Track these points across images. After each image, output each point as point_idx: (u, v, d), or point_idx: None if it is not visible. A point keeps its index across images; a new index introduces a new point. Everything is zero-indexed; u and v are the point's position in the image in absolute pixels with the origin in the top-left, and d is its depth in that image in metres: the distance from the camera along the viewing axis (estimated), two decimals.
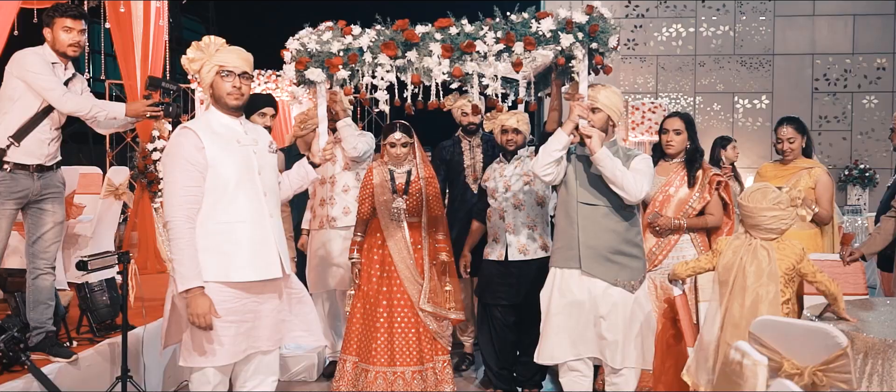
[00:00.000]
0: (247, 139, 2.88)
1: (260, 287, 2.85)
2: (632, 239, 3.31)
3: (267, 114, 4.14)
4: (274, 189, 2.94)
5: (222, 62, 2.81)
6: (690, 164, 3.88)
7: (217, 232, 2.74)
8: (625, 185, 3.15)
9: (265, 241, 2.81)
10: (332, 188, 4.50)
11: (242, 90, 2.84)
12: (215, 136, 2.80)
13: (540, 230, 4.20)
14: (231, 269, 2.74)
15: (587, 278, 3.27)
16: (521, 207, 4.19)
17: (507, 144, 4.25)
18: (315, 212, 4.59)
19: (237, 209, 2.76)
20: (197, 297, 2.67)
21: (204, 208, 2.75)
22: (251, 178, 2.82)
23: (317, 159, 3.14)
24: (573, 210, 3.29)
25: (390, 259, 4.00)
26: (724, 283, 3.03)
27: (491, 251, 4.28)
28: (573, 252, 3.28)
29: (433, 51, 2.98)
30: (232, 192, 2.76)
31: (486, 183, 4.34)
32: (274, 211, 2.89)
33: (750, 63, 9.36)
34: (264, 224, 2.82)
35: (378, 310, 3.99)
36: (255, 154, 2.86)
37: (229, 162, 2.77)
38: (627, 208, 3.27)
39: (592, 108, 3.25)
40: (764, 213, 2.96)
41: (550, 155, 3.21)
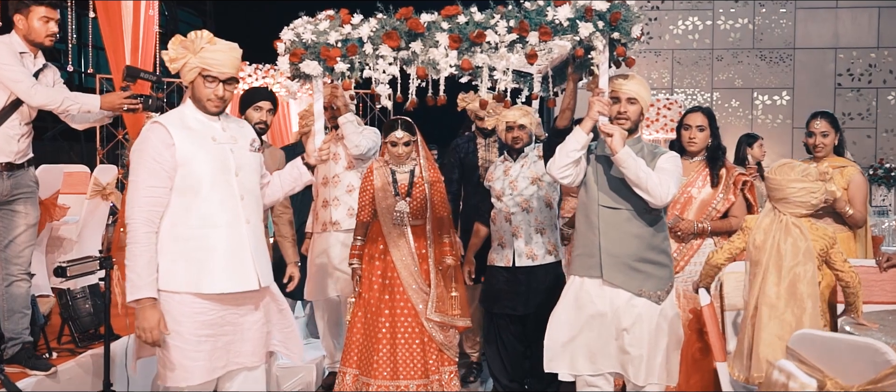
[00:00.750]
0: (224, 137, 2.73)
1: (238, 298, 2.71)
2: (658, 245, 3.14)
3: (263, 108, 3.97)
4: (253, 192, 2.80)
5: (207, 65, 2.66)
6: (713, 163, 3.75)
7: (188, 237, 2.61)
8: (649, 188, 2.98)
9: (240, 249, 2.67)
10: (334, 189, 4.35)
11: (225, 98, 2.71)
12: (188, 132, 2.66)
13: (549, 234, 4.06)
14: (202, 278, 2.61)
15: (609, 288, 3.11)
16: (529, 210, 4.03)
17: (512, 142, 4.09)
18: (317, 214, 4.43)
19: (210, 213, 2.63)
20: (145, 310, 2.55)
21: (174, 211, 2.62)
22: (227, 179, 2.68)
23: (312, 160, 2.98)
24: (594, 214, 3.14)
25: (393, 265, 3.85)
26: (757, 263, 2.95)
27: (497, 257, 4.13)
28: (594, 259, 3.12)
29: (440, 41, 2.80)
30: (205, 195, 2.63)
31: (489, 183, 4.18)
32: (252, 216, 2.75)
33: (770, 57, 9.26)
34: (240, 230, 2.68)
35: (379, 319, 3.85)
36: (232, 153, 2.72)
37: (202, 161, 2.64)
38: (653, 212, 3.10)
39: (628, 98, 3.09)
40: (792, 184, 2.90)
41: (568, 155, 3.05)
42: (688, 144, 3.77)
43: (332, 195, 4.35)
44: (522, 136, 4.09)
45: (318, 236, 4.41)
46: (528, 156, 4.12)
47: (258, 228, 2.78)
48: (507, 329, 4.11)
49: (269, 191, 3.03)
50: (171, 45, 2.68)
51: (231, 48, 2.71)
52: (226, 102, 2.74)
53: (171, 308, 2.61)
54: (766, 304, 2.85)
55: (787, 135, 9.13)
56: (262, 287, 2.75)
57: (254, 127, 3.95)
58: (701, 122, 3.74)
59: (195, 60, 2.65)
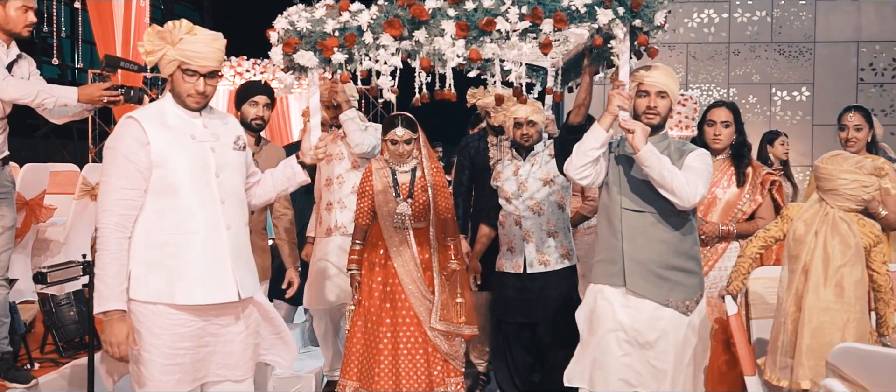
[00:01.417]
0: (204, 134, 2.59)
1: (219, 309, 2.58)
2: (686, 251, 2.98)
3: (259, 103, 3.81)
4: (236, 194, 2.66)
5: (186, 58, 2.51)
6: (739, 161, 3.62)
7: (162, 244, 2.48)
8: (675, 188, 2.81)
9: (219, 257, 2.54)
10: (338, 190, 4.19)
11: (207, 93, 2.57)
12: (165, 128, 2.52)
13: (562, 237, 3.91)
14: (176, 289, 2.47)
15: (633, 297, 2.95)
16: (540, 212, 3.88)
17: (522, 139, 3.94)
18: (321, 218, 4.26)
19: (187, 217, 2.50)
20: (113, 323, 2.43)
21: (148, 215, 2.49)
22: (206, 180, 2.55)
23: (308, 158, 2.84)
24: (616, 217, 2.98)
25: (394, 271, 3.71)
26: (797, 258, 2.87)
27: (506, 262, 3.97)
28: (616, 267, 2.96)
29: (446, 30, 2.64)
30: (182, 197, 2.50)
31: (497, 183, 4.02)
32: (234, 220, 2.60)
33: (789, 51, 9.09)
34: (219, 236, 2.55)
35: (381, 329, 3.70)
36: (213, 151, 2.59)
37: (180, 161, 2.51)
38: (681, 214, 2.94)
39: (659, 91, 2.93)
40: (844, 175, 2.82)
41: (586, 154, 2.89)
42: (712, 142, 3.63)
43: (335, 197, 4.19)
44: (533, 133, 3.94)
45: (320, 241, 4.24)
46: (539, 154, 3.97)
47: (241, 234, 2.64)
48: (516, 338, 3.96)
49: (260, 191, 2.90)
50: (146, 36, 2.53)
51: (213, 39, 2.55)
52: (207, 98, 2.60)
53: (145, 319, 2.49)
54: (811, 307, 2.74)
55: (806, 132, 8.95)
56: (243, 299, 2.62)
57: (250, 123, 3.80)
58: (726, 118, 3.60)
59: (173, 52, 2.51)
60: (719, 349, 3.25)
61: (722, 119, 3.60)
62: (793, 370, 2.77)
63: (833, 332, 2.70)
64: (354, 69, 2.70)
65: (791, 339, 2.80)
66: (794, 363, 2.76)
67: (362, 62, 2.68)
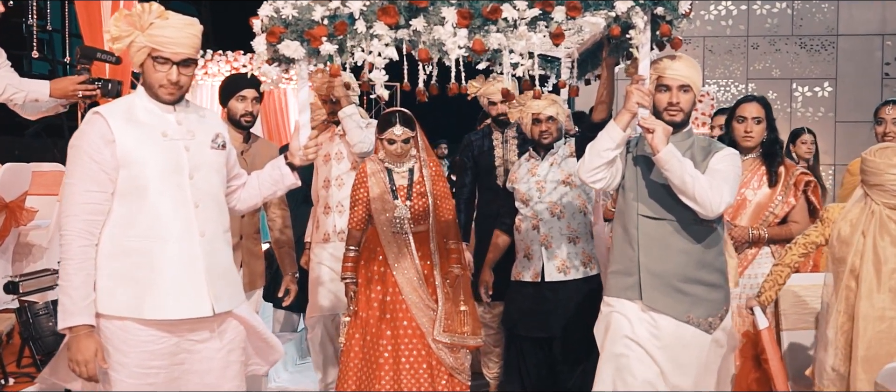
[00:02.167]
0: (178, 131, 2.44)
1: (193, 323, 2.42)
2: (710, 262, 2.77)
3: (247, 97, 3.60)
4: (213, 197, 2.49)
5: (156, 44, 2.35)
6: (770, 159, 3.45)
7: (130, 252, 2.34)
8: (696, 194, 2.60)
9: (191, 267, 2.38)
10: (337, 192, 3.98)
11: (181, 83, 2.41)
12: (133, 124, 2.37)
13: (583, 243, 3.69)
14: (144, 302, 2.33)
15: (651, 313, 2.74)
16: (560, 215, 3.67)
17: (541, 137, 3.73)
18: (318, 222, 4.05)
19: (157, 223, 2.36)
20: (80, 339, 2.27)
21: (115, 221, 2.34)
22: (178, 182, 2.40)
23: (296, 159, 2.65)
24: (633, 225, 2.78)
25: (393, 279, 3.53)
26: (843, 260, 2.78)
27: (522, 270, 3.75)
28: (632, 279, 2.76)
29: (446, 18, 2.45)
30: (151, 201, 2.35)
31: (513, 185, 3.81)
32: (209, 226, 2.44)
33: (810, 45, 8.92)
34: (192, 244, 2.39)
35: (380, 342, 3.52)
36: (186, 150, 2.43)
37: (149, 160, 2.36)
38: (704, 222, 2.73)
39: (681, 85, 2.73)
40: (893, 169, 2.72)
41: (600, 155, 2.69)
42: (743, 139, 3.45)
43: (334, 200, 3.98)
44: (552, 129, 3.73)
45: (319, 246, 4.04)
46: (558, 153, 3.76)
47: (218, 241, 2.48)
48: (531, 353, 3.74)
49: (244, 195, 2.73)
50: (113, 22, 2.36)
51: (187, 24, 2.39)
52: (182, 89, 2.44)
53: (111, 336, 2.33)
54: (866, 315, 2.60)
55: (829, 129, 8.74)
56: (219, 313, 2.45)
57: (239, 120, 3.59)
58: (757, 113, 3.43)
59: (143, 39, 2.35)
60: (748, 366, 3.13)
61: (753, 115, 3.43)
62: (849, 381, 2.64)
63: (891, 342, 2.57)
64: (346, 61, 2.50)
65: (844, 351, 2.67)
66: (849, 375, 2.64)
67: (355, 53, 2.48)
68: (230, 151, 2.62)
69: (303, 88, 2.60)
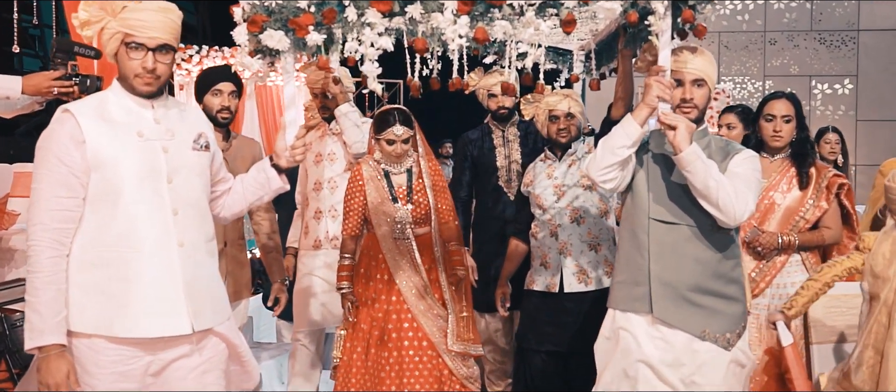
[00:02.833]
0: (155, 130, 2.28)
1: (168, 342, 2.27)
2: (726, 273, 2.59)
3: (223, 91, 3.40)
4: (194, 204, 2.34)
5: (129, 28, 2.20)
6: (801, 160, 3.31)
7: (101, 264, 2.19)
8: (720, 201, 2.44)
9: (169, 280, 2.24)
10: (330, 196, 3.78)
11: (158, 71, 2.25)
12: (106, 123, 2.22)
13: (605, 250, 3.50)
14: (116, 319, 2.18)
15: (662, 328, 2.57)
16: (580, 220, 3.48)
17: (558, 135, 3.53)
18: (308, 227, 3.85)
19: (131, 232, 2.21)
20: (50, 360, 2.13)
21: (85, 229, 2.20)
22: (155, 187, 2.25)
23: (283, 161, 2.48)
24: (642, 230, 2.61)
25: (396, 288, 3.36)
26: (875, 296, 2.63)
27: (537, 279, 3.56)
28: (641, 289, 2.59)
29: (446, 4, 2.27)
30: (125, 207, 2.20)
31: (528, 188, 3.62)
32: (189, 235, 2.29)
33: (830, 41, 8.86)
34: (170, 255, 2.25)
35: (383, 354, 3.34)
36: (164, 152, 2.27)
37: (123, 162, 2.21)
38: (722, 229, 2.57)
39: (695, 79, 2.56)
40: None
41: (614, 153, 2.51)
42: (772, 139, 3.30)
43: (326, 204, 3.77)
44: (570, 127, 3.52)
45: (307, 254, 3.84)
46: (577, 152, 3.57)
47: (199, 251, 2.32)
48: (545, 370, 3.52)
49: (229, 201, 2.56)
50: (83, 6, 2.20)
51: (163, 8, 2.23)
52: (160, 79, 2.27)
53: (80, 355, 2.19)
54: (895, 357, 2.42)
55: (850, 128, 8.60)
56: (198, 331, 2.29)
57: (216, 116, 3.41)
58: (787, 112, 3.28)
59: (115, 24, 2.19)
60: (772, 385, 3.01)
61: (782, 113, 3.28)
62: None
63: None
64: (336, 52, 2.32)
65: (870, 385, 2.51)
66: None
67: (345, 43, 2.29)
68: (215, 153, 2.47)
69: (288, 83, 2.44)
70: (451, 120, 8.19)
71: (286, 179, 2.53)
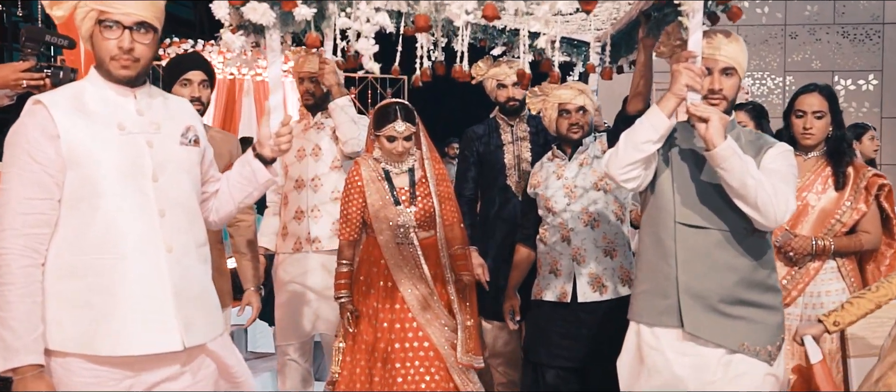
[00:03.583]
0: (138, 123, 2.11)
1: (156, 361, 2.09)
2: (762, 281, 2.41)
3: (193, 81, 3.16)
4: (183, 204, 2.16)
5: (104, 6, 2.03)
6: (837, 159, 3.16)
7: (80, 273, 2.02)
8: (760, 202, 2.24)
9: (156, 290, 2.06)
10: (314, 195, 3.60)
11: (136, 52, 2.06)
12: (83, 116, 2.05)
13: (621, 256, 3.31)
14: (98, 335, 2.00)
15: (692, 343, 2.38)
16: (594, 224, 3.29)
17: (569, 131, 3.34)
18: (287, 229, 3.67)
19: (112, 237, 2.04)
20: (27, 381, 1.96)
21: (62, 235, 2.03)
22: (139, 186, 2.08)
23: (267, 150, 2.29)
24: (668, 234, 2.42)
25: (398, 295, 3.20)
26: None
27: (546, 288, 3.35)
28: (669, 301, 2.40)
29: None
30: (106, 209, 2.03)
31: (535, 189, 3.43)
32: (179, 240, 2.11)
33: (854, 34, 8.69)
34: (157, 262, 2.07)
35: (389, 370, 3.17)
36: (149, 147, 2.10)
37: (102, 158, 2.04)
38: (756, 233, 2.38)
39: (725, 68, 2.37)
40: None
41: (639, 149, 2.32)
42: (803, 137, 3.16)
43: (308, 204, 3.59)
44: (583, 122, 3.33)
45: (288, 258, 3.65)
46: (589, 150, 3.37)
47: (189, 257, 2.14)
48: (560, 387, 3.32)
49: (217, 203, 2.37)
50: None
51: None
52: (139, 62, 2.08)
53: (58, 376, 2.02)
54: None
55: (873, 125, 8.43)
56: (190, 348, 2.11)
57: None
58: (819, 107, 3.13)
59: (87, 2, 2.03)
60: None
61: (814, 109, 3.13)
62: None
63: None
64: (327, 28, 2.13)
65: None
66: None
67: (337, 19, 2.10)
68: (205, 149, 2.29)
69: (274, 64, 2.24)
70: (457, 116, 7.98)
71: (275, 170, 2.34)
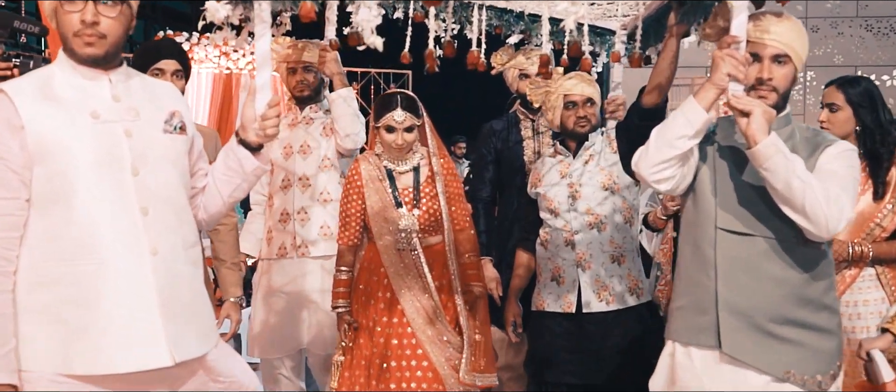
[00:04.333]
0: (115, 110, 1.97)
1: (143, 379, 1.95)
2: (816, 298, 2.20)
3: (166, 71, 2.99)
4: (169, 201, 2.02)
5: None
6: (875, 161, 3.03)
7: (53, 282, 1.90)
8: (808, 206, 2.05)
9: (140, 299, 1.92)
10: (302, 195, 3.44)
11: (102, 27, 1.91)
12: (52, 104, 1.91)
13: (629, 262, 3.17)
14: (75, 351, 1.87)
15: (731, 366, 2.20)
16: (600, 227, 3.14)
17: (576, 126, 3.20)
18: (272, 233, 3.51)
19: (89, 239, 1.90)
20: None
21: (32, 239, 1.91)
22: (117, 180, 1.93)
23: (251, 135, 2.10)
24: (708, 242, 2.24)
25: (398, 307, 3.06)
26: None
27: (548, 298, 3.21)
28: (707, 318, 2.22)
29: None
30: (80, 209, 1.90)
31: (536, 189, 3.29)
32: (165, 241, 1.98)
33: (877, 28, 8.60)
34: (141, 267, 1.92)
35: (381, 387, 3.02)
36: (127, 136, 1.95)
37: (75, 152, 1.90)
38: (810, 242, 2.19)
39: (777, 55, 2.17)
40: None
41: (672, 146, 2.15)
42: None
43: (295, 205, 3.44)
44: (591, 115, 3.20)
45: (273, 264, 3.50)
46: (595, 147, 3.23)
47: (177, 260, 2.00)
48: None
49: (206, 200, 2.21)
50: None
51: None
52: (106, 39, 1.93)
53: None
54: None
55: None
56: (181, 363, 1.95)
57: None
58: (832, 99, 3.00)
59: None
60: None
61: (828, 101, 3.02)
62: None
63: None
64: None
65: None
66: None
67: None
68: (194, 138, 2.12)
69: (262, 37, 2.08)
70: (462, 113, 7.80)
71: (265, 158, 2.16)
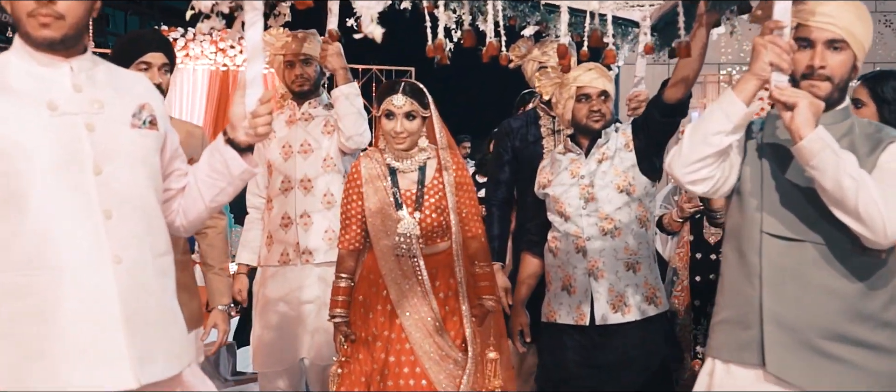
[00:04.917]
0: (75, 101, 1.81)
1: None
2: (874, 313, 2.03)
3: (153, 64, 2.84)
4: (134, 203, 1.87)
5: None
6: None
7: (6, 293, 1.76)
8: (861, 208, 1.90)
9: (101, 312, 1.77)
10: (304, 199, 3.31)
11: (60, 7, 1.76)
12: (4, 95, 1.78)
13: (645, 270, 3.00)
14: (30, 370, 1.74)
15: (776, 387, 2.04)
16: (615, 233, 2.97)
17: (589, 120, 3.03)
18: (272, 238, 3.37)
19: (45, 246, 1.76)
20: None
21: None
22: (77, 181, 1.78)
23: (241, 134, 1.95)
24: (753, 248, 2.09)
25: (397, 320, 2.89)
26: None
27: (559, 308, 3.05)
28: (751, 332, 2.07)
29: None
30: (36, 213, 1.76)
31: (544, 189, 3.13)
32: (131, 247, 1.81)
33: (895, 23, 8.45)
34: (103, 276, 1.77)
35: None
36: (88, 131, 1.81)
37: (29, 148, 1.76)
38: (866, 249, 2.02)
39: (831, 40, 2.01)
40: None
41: (708, 142, 2.02)
42: None
43: (297, 209, 3.31)
44: (606, 111, 3.03)
45: (275, 272, 3.36)
46: (608, 144, 3.05)
47: (144, 270, 1.85)
48: None
49: (184, 203, 2.06)
50: None
51: None
52: (64, 20, 1.77)
53: None
54: None
55: None
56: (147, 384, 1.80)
57: None
58: (859, 96, 2.81)
59: None
60: None
61: (854, 97, 2.82)
62: None
63: None
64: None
65: None
66: None
67: None
68: (167, 133, 1.96)
69: (253, 27, 1.93)
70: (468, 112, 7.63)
71: (254, 161, 2.00)
